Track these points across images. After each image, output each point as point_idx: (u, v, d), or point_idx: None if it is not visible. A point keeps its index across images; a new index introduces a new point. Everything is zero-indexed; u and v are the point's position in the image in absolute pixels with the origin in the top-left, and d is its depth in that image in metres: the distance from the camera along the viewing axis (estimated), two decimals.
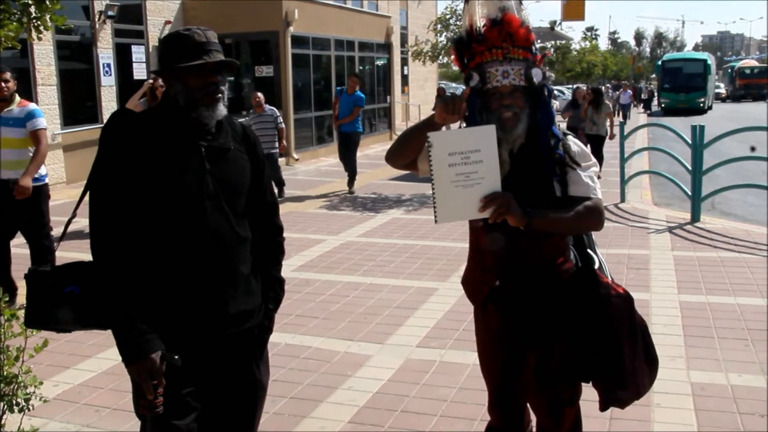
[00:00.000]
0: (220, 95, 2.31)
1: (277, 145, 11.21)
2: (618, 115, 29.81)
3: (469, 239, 2.76)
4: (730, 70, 64.34)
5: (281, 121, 11.48)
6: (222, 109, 2.34)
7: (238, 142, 2.44)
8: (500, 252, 2.58)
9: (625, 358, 2.56)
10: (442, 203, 2.34)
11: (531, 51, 2.51)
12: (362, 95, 12.36)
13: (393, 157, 2.61)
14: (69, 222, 2.62)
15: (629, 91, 32.52)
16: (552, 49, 27.28)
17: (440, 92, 19.96)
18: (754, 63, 60.37)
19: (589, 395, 2.74)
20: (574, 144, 2.57)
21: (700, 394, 4.12)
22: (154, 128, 2.29)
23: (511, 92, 2.45)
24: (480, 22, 2.51)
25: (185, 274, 2.29)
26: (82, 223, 5.74)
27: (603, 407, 2.66)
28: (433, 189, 2.34)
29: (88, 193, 2.32)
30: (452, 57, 2.67)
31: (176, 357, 2.21)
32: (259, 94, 11.09)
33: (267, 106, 11.12)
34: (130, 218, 2.23)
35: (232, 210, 2.36)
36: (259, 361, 2.51)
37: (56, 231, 7.85)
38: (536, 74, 2.48)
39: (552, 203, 2.47)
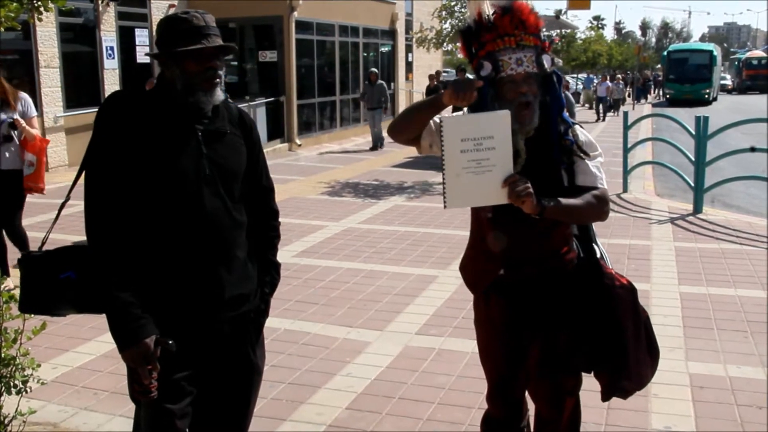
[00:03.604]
0: (218, 80, 2.29)
1: None
2: (599, 111, 26.88)
3: (471, 228, 2.75)
4: (737, 62, 63.76)
5: None
6: (219, 94, 2.32)
7: (234, 126, 2.43)
8: (505, 241, 2.57)
9: (629, 349, 2.57)
10: (452, 189, 2.32)
11: (540, 38, 2.49)
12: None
13: (397, 131, 2.59)
14: (63, 205, 2.60)
15: (608, 82, 28.28)
16: (556, 37, 27.00)
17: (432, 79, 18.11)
18: (761, 54, 59.42)
19: (587, 385, 2.74)
20: (582, 133, 2.57)
21: (699, 386, 4.12)
22: (151, 111, 2.27)
23: (525, 79, 2.43)
24: (489, 10, 2.48)
25: (181, 258, 2.28)
26: (78, 206, 5.73)
27: (605, 397, 2.66)
28: (443, 174, 2.31)
29: (82, 177, 2.30)
30: (460, 47, 2.65)
31: (171, 342, 2.20)
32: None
33: None
34: (126, 202, 2.22)
35: (228, 194, 2.35)
36: (255, 344, 2.51)
37: (51, 215, 7.84)
38: (546, 60, 2.47)
39: (560, 192, 2.45)
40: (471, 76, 2.49)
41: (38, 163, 5.90)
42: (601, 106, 27.14)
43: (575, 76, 40.49)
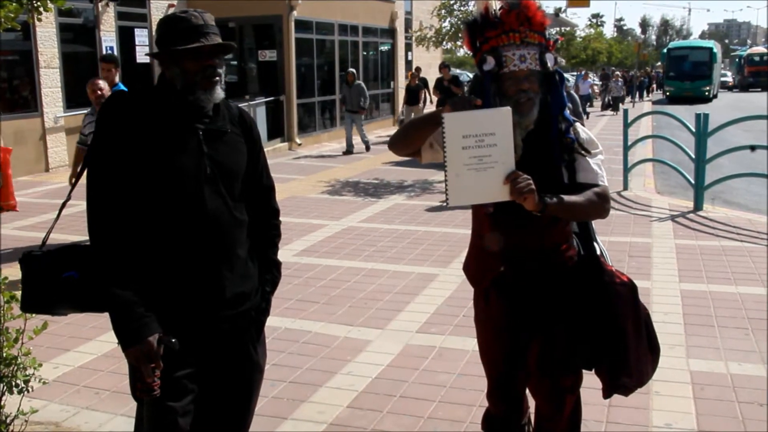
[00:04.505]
0: (217, 78, 2.30)
1: None
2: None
3: (472, 226, 2.75)
4: (738, 59, 63.25)
5: None
6: (219, 92, 2.32)
7: (234, 125, 2.43)
8: (506, 237, 2.58)
9: (629, 346, 2.56)
10: (454, 186, 2.31)
11: (545, 36, 2.50)
12: None
13: (397, 146, 2.64)
14: (63, 205, 2.61)
15: (590, 80, 26.74)
16: (561, 36, 26.81)
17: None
18: (763, 50, 58.38)
19: (588, 383, 2.74)
20: (583, 131, 2.57)
21: (700, 383, 4.12)
22: (152, 111, 2.28)
23: (528, 76, 2.44)
24: (496, 5, 2.50)
25: (182, 257, 2.28)
26: (79, 206, 5.70)
27: (606, 395, 2.66)
28: (445, 171, 2.31)
29: (83, 177, 2.31)
30: (464, 40, 2.65)
31: (173, 340, 2.21)
32: (101, 83, 6.68)
33: None
34: (128, 201, 2.22)
35: (229, 193, 2.35)
36: (256, 343, 2.51)
37: (51, 215, 7.85)
38: (550, 59, 2.48)
39: (560, 189, 2.45)
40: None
41: (4, 179, 5.49)
42: (587, 105, 26.44)
43: (574, 73, 40.42)
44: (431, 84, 16.28)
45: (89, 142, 6.05)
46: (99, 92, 6.60)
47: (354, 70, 16.63)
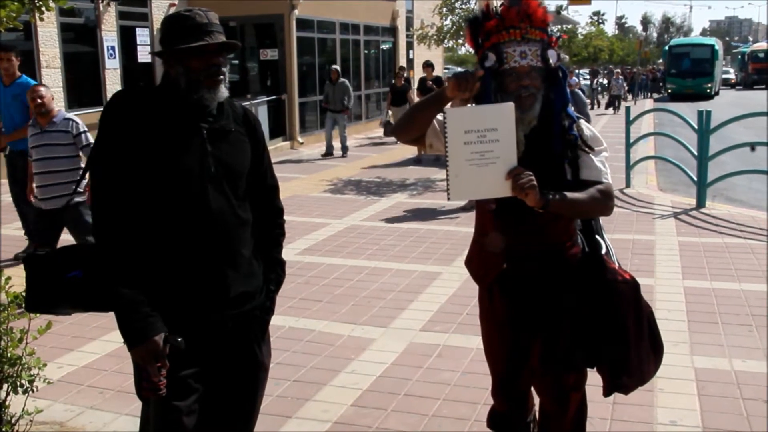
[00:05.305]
0: (221, 77, 2.30)
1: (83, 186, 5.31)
2: None
3: (476, 221, 2.75)
4: (740, 56, 62.72)
5: (90, 140, 5.58)
6: (224, 91, 2.32)
7: (238, 125, 2.43)
8: (509, 235, 2.57)
9: (630, 345, 2.56)
10: (455, 181, 2.31)
11: (547, 32, 2.49)
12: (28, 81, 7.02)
13: (401, 130, 2.61)
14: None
15: (575, 78, 27.79)
16: (564, 34, 26.68)
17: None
18: (767, 46, 57.65)
19: (593, 380, 2.73)
20: (587, 128, 2.56)
21: (704, 380, 4.12)
22: (156, 110, 2.28)
23: (528, 73, 2.43)
24: (497, 2, 2.49)
25: (186, 256, 2.28)
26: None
27: (607, 393, 2.66)
28: (447, 166, 2.31)
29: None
30: (466, 37, 2.65)
31: (179, 339, 2.21)
32: (42, 90, 5.65)
33: (62, 113, 5.69)
34: (132, 200, 2.22)
35: (233, 192, 2.35)
36: (261, 342, 2.51)
37: None
38: (552, 55, 2.47)
39: (563, 186, 2.45)
40: (457, 70, 2.49)
41: None
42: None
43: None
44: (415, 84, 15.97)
45: (33, 156, 5.52)
46: (39, 100, 5.56)
47: (338, 67, 15.57)
